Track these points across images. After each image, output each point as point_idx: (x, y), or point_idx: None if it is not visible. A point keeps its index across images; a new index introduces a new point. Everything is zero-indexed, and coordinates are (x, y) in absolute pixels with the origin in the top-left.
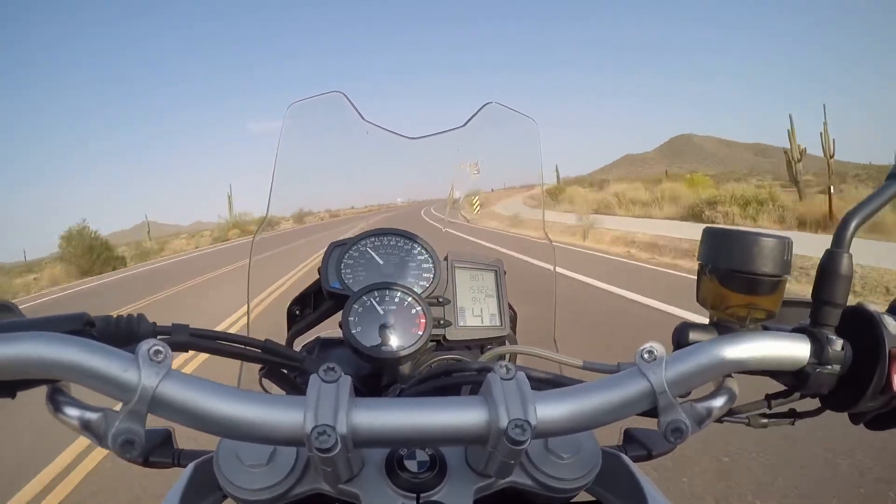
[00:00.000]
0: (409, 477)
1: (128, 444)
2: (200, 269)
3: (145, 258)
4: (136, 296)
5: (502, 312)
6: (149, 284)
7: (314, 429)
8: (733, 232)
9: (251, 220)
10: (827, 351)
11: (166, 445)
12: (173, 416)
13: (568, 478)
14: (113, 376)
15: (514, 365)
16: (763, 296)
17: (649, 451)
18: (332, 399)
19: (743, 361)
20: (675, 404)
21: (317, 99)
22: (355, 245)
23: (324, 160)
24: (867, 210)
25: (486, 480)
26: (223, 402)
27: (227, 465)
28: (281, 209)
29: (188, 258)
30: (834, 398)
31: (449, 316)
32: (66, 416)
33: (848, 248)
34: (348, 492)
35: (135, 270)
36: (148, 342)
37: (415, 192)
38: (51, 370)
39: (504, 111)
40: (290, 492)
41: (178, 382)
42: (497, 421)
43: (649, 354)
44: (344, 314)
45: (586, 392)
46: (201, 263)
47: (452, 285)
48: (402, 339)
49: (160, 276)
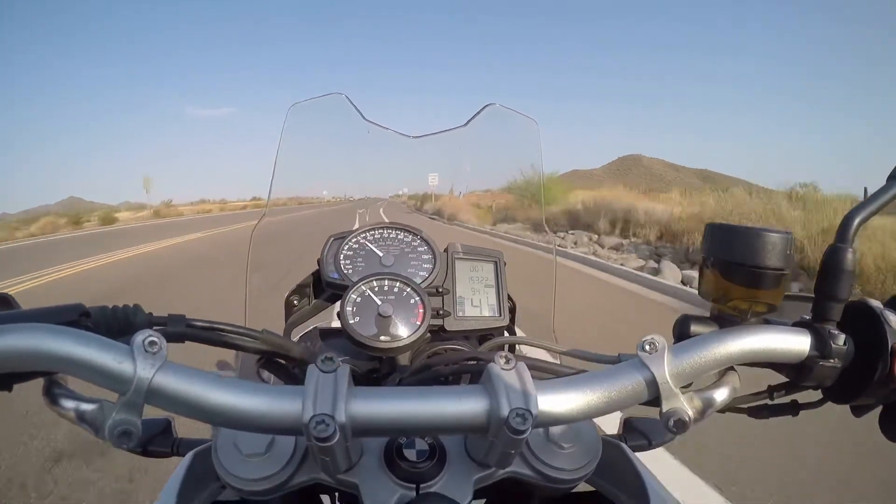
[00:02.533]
0: (408, 466)
1: (125, 435)
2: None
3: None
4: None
5: (501, 303)
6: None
7: (313, 418)
8: (736, 226)
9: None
10: (829, 345)
11: (166, 435)
12: (170, 407)
13: (568, 468)
14: (108, 368)
15: (513, 355)
16: (765, 289)
17: (649, 441)
18: (331, 388)
19: (745, 354)
20: (676, 395)
21: (318, 100)
22: (355, 237)
23: (323, 160)
24: (870, 209)
25: (486, 470)
26: (221, 393)
27: (226, 455)
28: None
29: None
30: (836, 391)
31: (448, 306)
32: (62, 408)
33: (850, 244)
34: (347, 481)
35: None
36: (143, 333)
37: (370, 188)
38: (46, 362)
39: (505, 112)
40: (289, 481)
41: (174, 373)
42: (498, 410)
43: (651, 346)
44: (342, 304)
45: (587, 382)
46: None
47: (452, 276)
48: (401, 329)
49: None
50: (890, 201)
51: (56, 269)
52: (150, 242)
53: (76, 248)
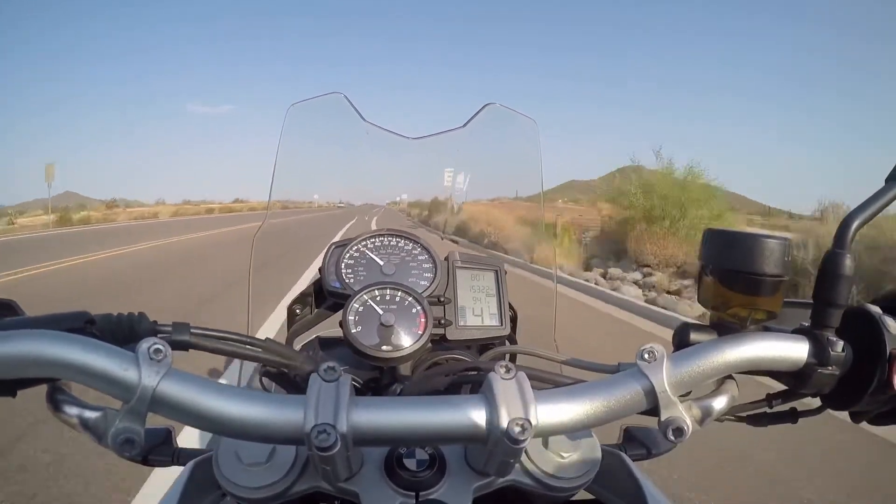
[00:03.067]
0: (408, 476)
1: (127, 443)
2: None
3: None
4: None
5: (503, 312)
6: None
7: (314, 427)
8: (734, 232)
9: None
10: (827, 352)
11: (166, 444)
12: (173, 415)
13: (567, 477)
14: (113, 375)
15: (514, 364)
16: (764, 296)
17: (649, 450)
18: (332, 398)
19: (744, 362)
20: (675, 403)
21: (317, 100)
22: (356, 245)
23: (323, 161)
24: (867, 212)
25: (486, 479)
26: (223, 401)
27: (227, 464)
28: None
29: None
30: (835, 397)
31: (449, 315)
32: (65, 414)
33: (849, 249)
34: (348, 490)
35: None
36: (148, 341)
37: (366, 193)
38: (51, 369)
39: (505, 112)
40: (290, 490)
41: (178, 381)
42: (497, 420)
43: (650, 355)
44: (344, 313)
45: (587, 391)
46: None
47: (453, 285)
48: (403, 338)
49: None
50: (888, 204)
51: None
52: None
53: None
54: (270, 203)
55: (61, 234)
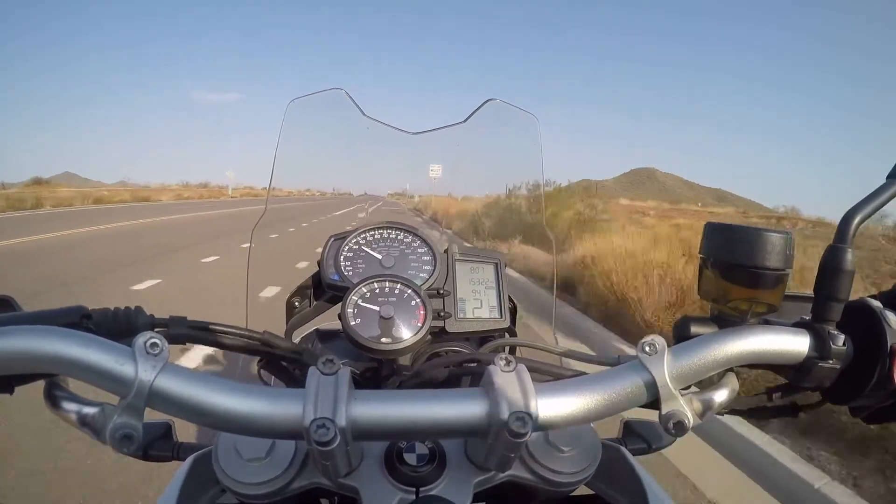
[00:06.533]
0: (408, 470)
1: (126, 438)
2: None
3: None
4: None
5: (502, 304)
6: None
7: (313, 422)
8: (736, 226)
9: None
10: (828, 346)
11: (166, 438)
12: (171, 410)
13: (568, 471)
14: (109, 370)
15: (514, 357)
16: (765, 290)
17: (649, 444)
18: (332, 392)
19: (744, 355)
20: (676, 397)
21: (317, 95)
22: (355, 238)
23: (323, 155)
24: (868, 208)
25: (486, 474)
26: (221, 396)
27: (226, 459)
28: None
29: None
30: (835, 392)
31: (449, 308)
32: (63, 410)
33: (850, 243)
34: (347, 485)
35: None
36: (144, 335)
37: (368, 186)
38: (47, 364)
39: (506, 107)
40: (289, 486)
41: (175, 376)
42: (498, 413)
43: (650, 347)
44: (343, 306)
45: (587, 384)
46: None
47: (452, 277)
48: (402, 330)
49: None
50: (889, 200)
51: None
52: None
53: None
54: (269, 197)
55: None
